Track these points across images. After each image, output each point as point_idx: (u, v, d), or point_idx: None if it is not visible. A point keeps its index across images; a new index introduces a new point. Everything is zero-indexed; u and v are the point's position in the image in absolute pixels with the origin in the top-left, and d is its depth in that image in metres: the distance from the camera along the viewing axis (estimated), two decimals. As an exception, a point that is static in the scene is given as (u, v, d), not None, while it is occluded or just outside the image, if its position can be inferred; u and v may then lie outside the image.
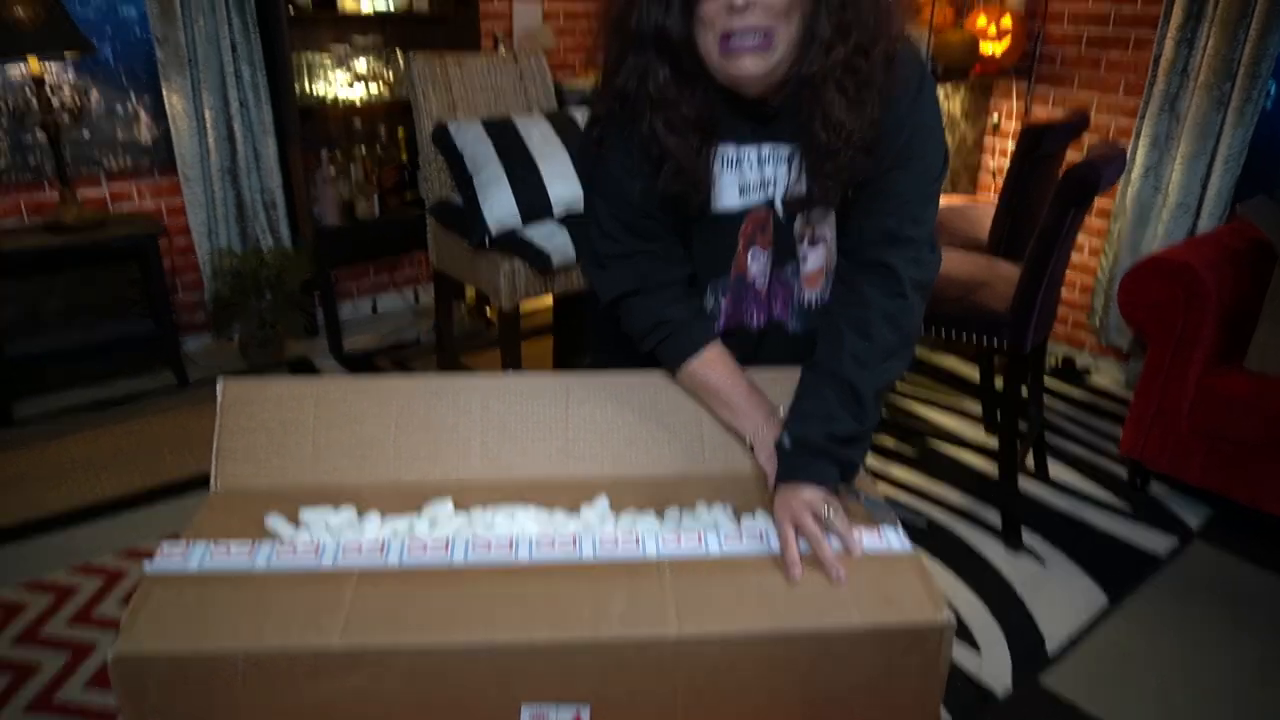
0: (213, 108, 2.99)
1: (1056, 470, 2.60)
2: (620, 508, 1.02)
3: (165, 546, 0.91)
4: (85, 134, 2.88)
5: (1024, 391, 2.39)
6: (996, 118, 3.53)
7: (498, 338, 2.64)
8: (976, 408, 2.94)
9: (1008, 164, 2.49)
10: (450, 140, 2.45)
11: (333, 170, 3.12)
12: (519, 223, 2.42)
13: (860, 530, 0.96)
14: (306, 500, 1.00)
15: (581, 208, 1.25)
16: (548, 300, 3.07)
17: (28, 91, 2.63)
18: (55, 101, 2.64)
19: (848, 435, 1.02)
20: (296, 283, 3.14)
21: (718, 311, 1.21)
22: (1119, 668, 1.82)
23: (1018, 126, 3.41)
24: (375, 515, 0.98)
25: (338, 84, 3.15)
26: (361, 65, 3.19)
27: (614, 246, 1.14)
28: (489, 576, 0.88)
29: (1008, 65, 3.28)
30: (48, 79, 2.64)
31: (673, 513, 1.01)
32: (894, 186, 1.06)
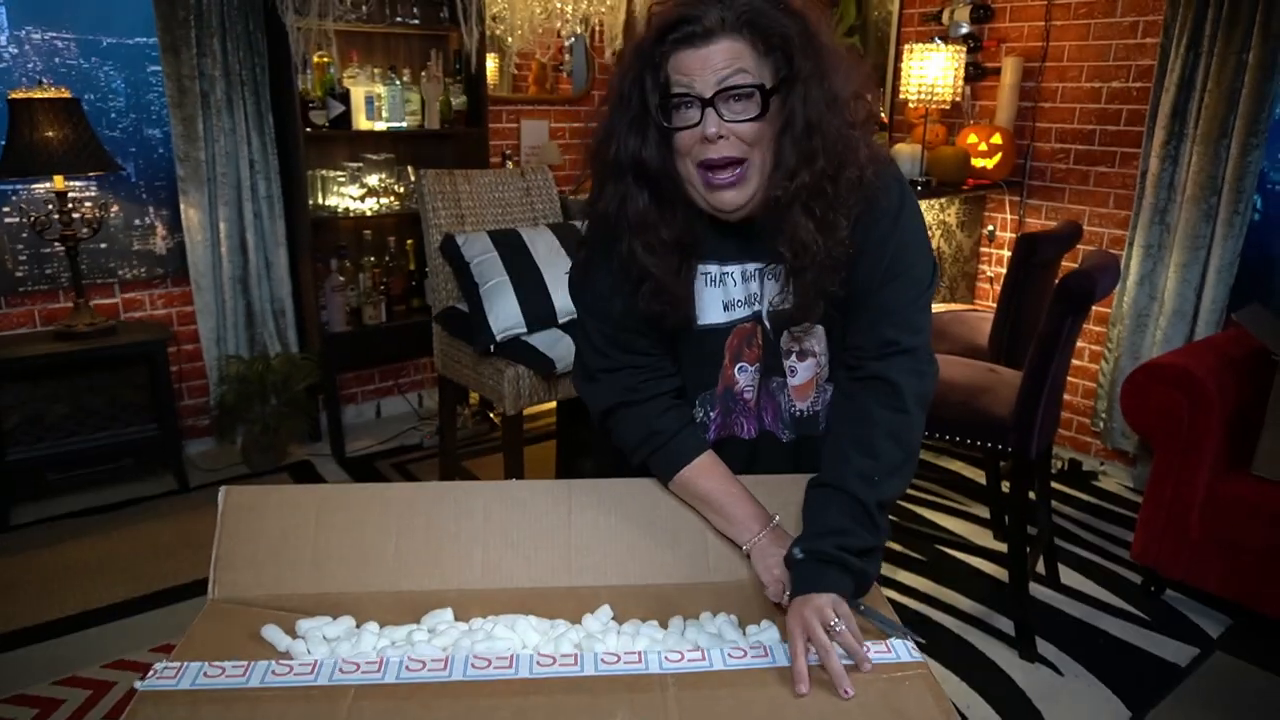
0: (228, 220, 3.08)
1: (1068, 576, 2.55)
2: (623, 617, 1.00)
3: (158, 666, 0.89)
4: (102, 245, 2.95)
5: (1031, 495, 2.37)
6: (992, 228, 3.62)
7: (501, 442, 2.64)
8: (984, 512, 2.91)
9: (1005, 272, 2.54)
10: (458, 251, 2.52)
11: (341, 278, 3.19)
12: (524, 329, 2.46)
13: (868, 644, 0.93)
14: (305, 609, 0.99)
15: (584, 316, 1.27)
16: (551, 404, 3.08)
17: (50, 206, 2.71)
18: (76, 215, 2.72)
19: (860, 548, 1.01)
20: (301, 388, 3.17)
21: (708, 423, 1.22)
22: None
23: (1013, 236, 3.50)
24: (373, 626, 0.96)
25: (349, 197, 3.25)
26: (373, 179, 3.30)
27: (603, 361, 1.16)
28: (489, 690, 0.86)
29: (1000, 179, 3.40)
30: (70, 194, 2.72)
31: (676, 623, 0.99)
32: (887, 300, 1.08)
